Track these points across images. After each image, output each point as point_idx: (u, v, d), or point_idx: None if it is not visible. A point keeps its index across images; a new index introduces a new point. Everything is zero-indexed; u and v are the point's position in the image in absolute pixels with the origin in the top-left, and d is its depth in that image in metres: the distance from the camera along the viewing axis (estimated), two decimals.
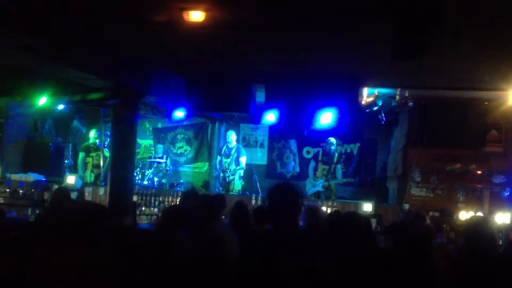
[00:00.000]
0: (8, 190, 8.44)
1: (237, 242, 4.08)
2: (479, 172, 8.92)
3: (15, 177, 8.71)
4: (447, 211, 8.45)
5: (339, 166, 9.92)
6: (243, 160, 10.31)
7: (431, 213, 8.39)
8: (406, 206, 8.57)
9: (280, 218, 3.27)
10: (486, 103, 8.73)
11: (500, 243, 5.23)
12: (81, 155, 10.67)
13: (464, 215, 8.25)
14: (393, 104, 8.53)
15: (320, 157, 10.00)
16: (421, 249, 3.92)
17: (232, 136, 10.52)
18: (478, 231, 3.86)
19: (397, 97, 8.36)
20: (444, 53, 5.85)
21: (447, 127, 8.67)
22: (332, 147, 9.95)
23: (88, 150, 10.64)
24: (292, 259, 2.90)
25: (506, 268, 3.74)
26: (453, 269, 3.78)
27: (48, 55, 5.47)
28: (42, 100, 8.79)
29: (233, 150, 10.41)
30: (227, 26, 5.22)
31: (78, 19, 5.36)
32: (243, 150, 10.57)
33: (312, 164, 10.12)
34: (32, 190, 8.43)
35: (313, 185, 9.78)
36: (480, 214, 8.14)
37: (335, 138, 10.12)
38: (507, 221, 7.54)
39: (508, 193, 8.65)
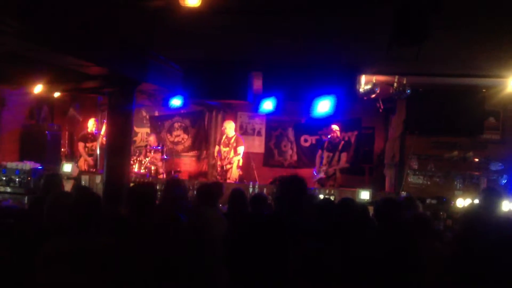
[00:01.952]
0: (4, 178, 8.41)
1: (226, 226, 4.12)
2: (476, 159, 8.92)
3: (11, 165, 8.67)
4: (444, 198, 8.45)
5: (344, 154, 9.88)
6: (241, 149, 10.31)
7: (428, 201, 8.42)
8: (404, 194, 8.57)
9: (287, 206, 3.37)
10: (484, 90, 8.71)
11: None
12: (80, 145, 10.66)
13: (462, 202, 8.26)
14: (391, 91, 8.50)
15: (325, 145, 9.99)
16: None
17: (230, 126, 10.50)
18: (476, 217, 3.86)
19: (395, 85, 8.32)
20: (442, 40, 5.80)
21: (444, 114, 8.66)
22: (336, 135, 9.93)
23: (85, 140, 10.62)
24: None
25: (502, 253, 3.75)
26: (450, 254, 3.78)
27: (41, 41, 5.39)
28: (38, 88, 8.74)
29: (232, 139, 10.40)
30: (224, 11, 5.16)
31: (72, 4, 5.30)
32: (242, 140, 10.55)
33: (319, 152, 10.10)
34: (29, 178, 8.40)
35: (318, 172, 9.79)
36: (477, 201, 8.15)
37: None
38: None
39: (506, 181, 8.66)
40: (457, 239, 4.20)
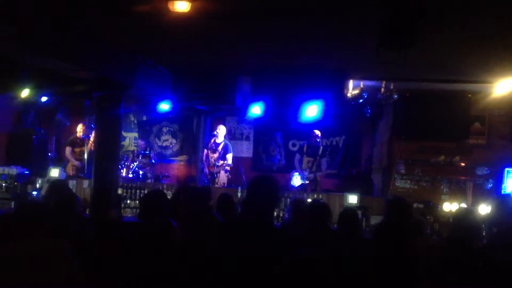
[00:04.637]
0: None
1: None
2: (462, 164, 9.03)
3: None
4: (431, 202, 8.52)
5: (324, 159, 9.96)
6: (229, 157, 10.11)
7: (415, 205, 8.48)
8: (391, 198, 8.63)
9: (252, 210, 3.25)
10: (470, 95, 8.82)
11: (484, 234, 5.30)
12: (68, 149, 10.58)
13: (448, 206, 8.33)
14: (378, 96, 8.56)
15: (305, 150, 10.04)
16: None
17: (221, 130, 10.26)
18: (466, 222, 3.90)
19: (382, 90, 8.39)
20: (429, 45, 5.87)
21: (431, 119, 8.74)
22: (317, 140, 10.00)
23: (73, 145, 10.55)
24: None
25: (488, 258, 3.80)
26: (437, 259, 3.81)
27: (31, 46, 5.38)
28: (25, 92, 8.67)
29: (220, 146, 10.21)
30: (213, 16, 5.18)
31: (62, 9, 5.29)
32: (230, 147, 10.36)
33: (297, 156, 10.15)
34: (15, 183, 8.32)
35: (301, 177, 9.81)
36: (463, 205, 8.23)
37: (320, 131, 10.15)
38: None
39: (491, 185, 8.76)
40: (445, 243, 4.22)
